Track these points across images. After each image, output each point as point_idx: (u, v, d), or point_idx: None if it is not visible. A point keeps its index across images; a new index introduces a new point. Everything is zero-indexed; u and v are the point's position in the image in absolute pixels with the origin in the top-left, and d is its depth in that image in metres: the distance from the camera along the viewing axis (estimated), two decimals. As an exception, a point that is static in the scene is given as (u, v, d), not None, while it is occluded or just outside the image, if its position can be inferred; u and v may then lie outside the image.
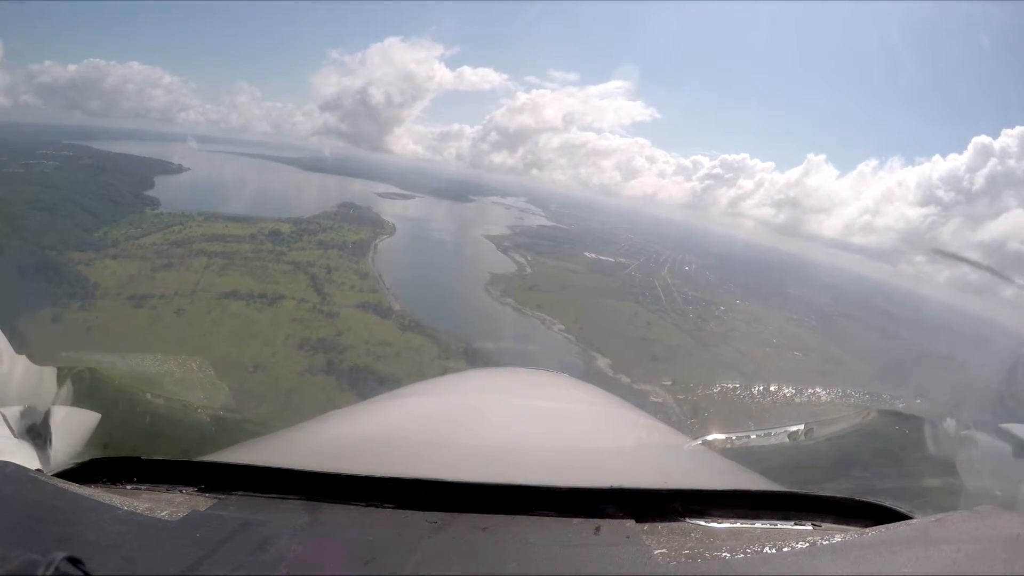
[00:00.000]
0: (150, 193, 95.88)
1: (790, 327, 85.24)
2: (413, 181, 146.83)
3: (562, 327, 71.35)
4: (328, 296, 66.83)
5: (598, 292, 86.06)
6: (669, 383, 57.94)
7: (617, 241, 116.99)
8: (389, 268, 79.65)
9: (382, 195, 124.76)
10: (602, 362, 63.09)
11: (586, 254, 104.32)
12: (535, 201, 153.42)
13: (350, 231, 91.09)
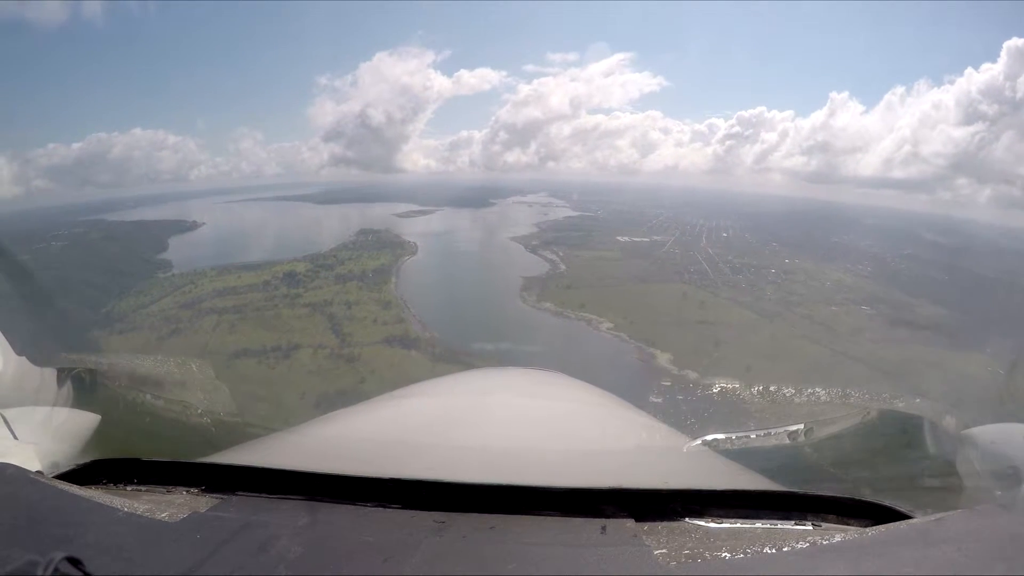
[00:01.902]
0: (163, 256, 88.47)
1: (848, 279, 77.84)
2: (430, 195, 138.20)
3: (610, 325, 62.45)
4: (348, 336, 58.87)
5: (640, 278, 77.62)
6: (745, 371, 49.78)
7: (647, 219, 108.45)
8: (414, 291, 71.43)
9: (401, 215, 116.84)
10: (662, 358, 54.24)
11: (618, 238, 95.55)
12: (557, 194, 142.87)
13: (370, 258, 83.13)
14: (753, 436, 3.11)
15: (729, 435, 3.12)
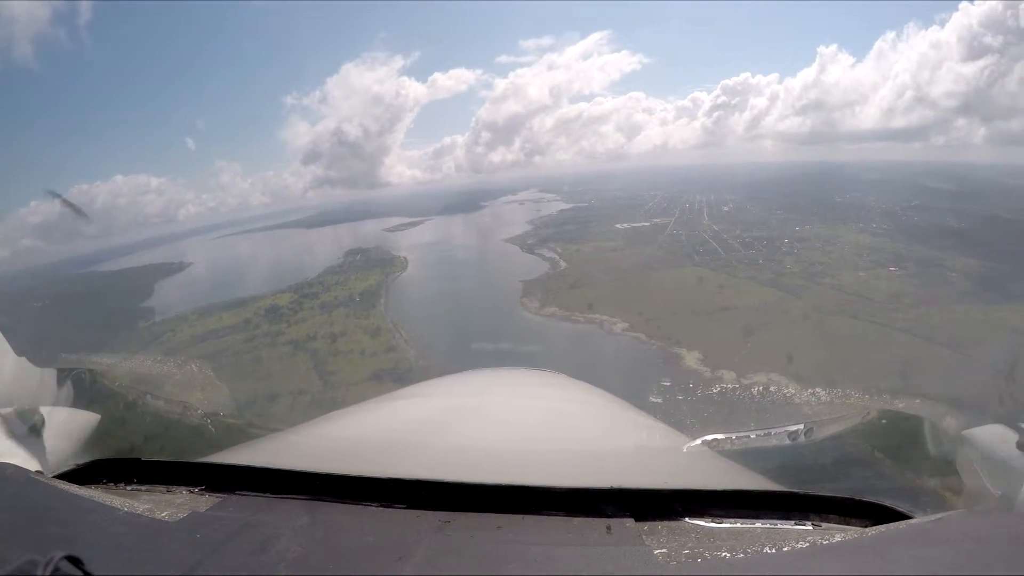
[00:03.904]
0: (147, 303, 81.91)
1: (865, 239, 71.96)
2: (419, 206, 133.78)
3: (625, 325, 54.39)
4: (332, 375, 50.78)
5: (648, 265, 70.25)
6: (787, 363, 42.09)
7: (643, 203, 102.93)
8: (405, 312, 63.87)
9: (390, 230, 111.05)
10: (691, 358, 46.18)
11: (617, 226, 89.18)
12: (547, 188, 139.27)
13: (358, 280, 76.12)
14: (753, 436, 2.84)
15: (729, 435, 2.87)
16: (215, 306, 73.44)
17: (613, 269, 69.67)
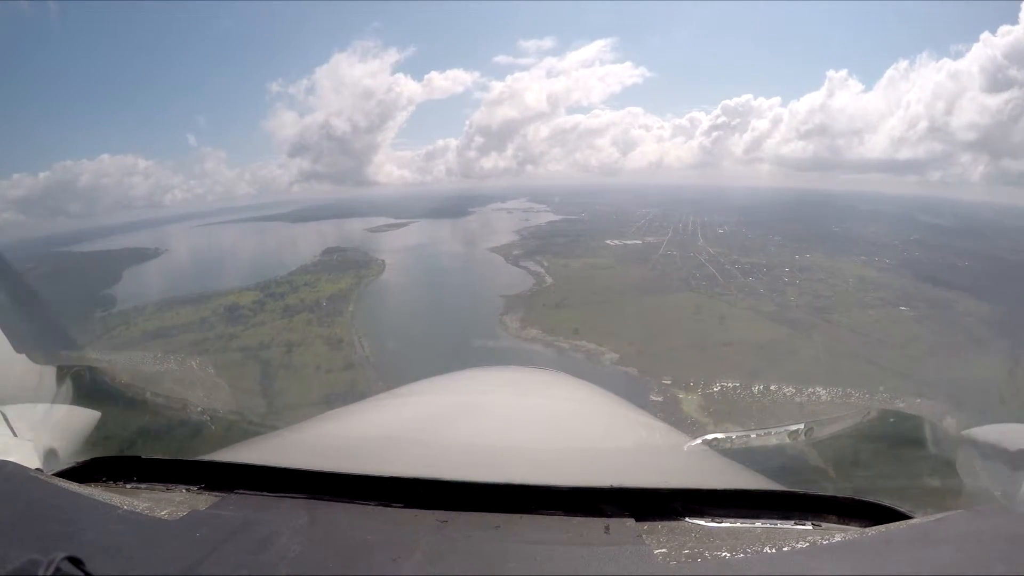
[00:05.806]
0: (110, 291, 74.89)
1: (869, 273, 66.83)
2: (406, 207, 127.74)
3: (615, 355, 46.93)
4: (279, 395, 42.68)
5: (641, 287, 63.64)
6: (801, 416, 33.64)
7: (635, 220, 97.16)
8: (373, 323, 56.44)
9: (373, 230, 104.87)
10: (689, 403, 38.73)
11: (608, 242, 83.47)
12: (537, 198, 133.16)
13: (328, 282, 69.11)
14: (753, 436, 2.85)
15: (729, 435, 2.86)
16: (178, 299, 67.16)
17: (603, 289, 62.95)
